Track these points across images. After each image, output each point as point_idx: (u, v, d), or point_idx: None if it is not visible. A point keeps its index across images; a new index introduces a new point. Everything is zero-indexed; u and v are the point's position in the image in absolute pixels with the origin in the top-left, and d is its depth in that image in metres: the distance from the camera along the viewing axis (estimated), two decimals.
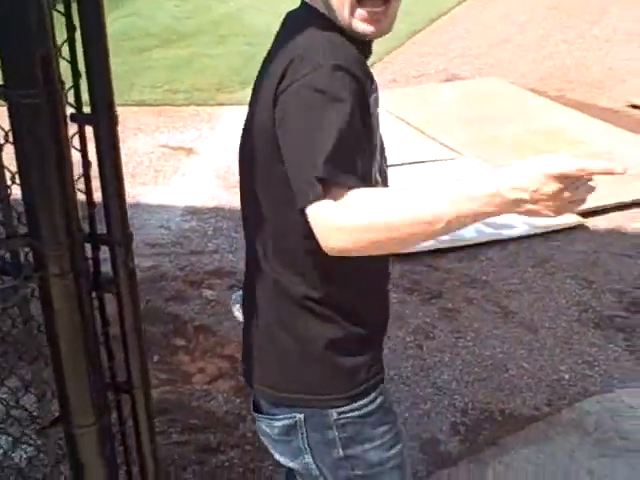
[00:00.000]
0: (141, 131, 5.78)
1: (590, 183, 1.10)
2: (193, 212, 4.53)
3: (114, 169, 1.65)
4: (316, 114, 1.19)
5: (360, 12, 1.29)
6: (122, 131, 5.71)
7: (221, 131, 5.77)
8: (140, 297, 4.09)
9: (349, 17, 1.30)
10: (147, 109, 6.24)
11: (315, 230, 1.19)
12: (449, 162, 5.07)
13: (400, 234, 1.13)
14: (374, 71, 1.42)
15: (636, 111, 6.14)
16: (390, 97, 6.22)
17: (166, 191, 4.83)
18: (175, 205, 4.64)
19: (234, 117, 5.98)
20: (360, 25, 1.30)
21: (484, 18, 9.53)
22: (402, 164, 4.84)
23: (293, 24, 1.38)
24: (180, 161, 5.27)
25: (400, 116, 5.83)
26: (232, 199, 4.59)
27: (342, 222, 1.15)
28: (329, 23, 1.32)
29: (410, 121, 5.74)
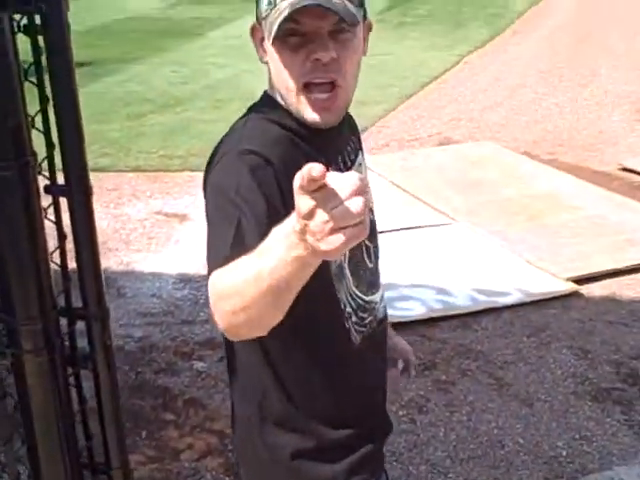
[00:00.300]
0: (136, 197, 5.79)
1: (350, 204, 0.87)
2: (186, 280, 4.50)
3: (89, 241, 1.62)
4: (216, 210, 1.22)
5: (307, 100, 1.25)
6: (118, 197, 5.68)
7: None
8: (130, 369, 4.02)
9: (297, 104, 1.27)
10: (142, 175, 6.26)
11: None
12: (444, 227, 5.07)
13: (248, 295, 1.01)
14: (367, 136, 1.39)
15: (628, 174, 6.17)
16: (383, 162, 6.26)
17: (159, 258, 4.81)
18: (168, 273, 4.61)
19: None
20: (308, 113, 1.26)
21: (476, 82, 9.66)
22: (397, 230, 4.84)
23: (246, 113, 1.36)
24: (174, 228, 5.26)
25: (394, 181, 5.85)
26: None
27: (211, 302, 1.09)
28: (280, 111, 1.30)
29: (404, 186, 5.76)
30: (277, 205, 1.17)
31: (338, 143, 1.39)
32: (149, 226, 5.30)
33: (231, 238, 1.13)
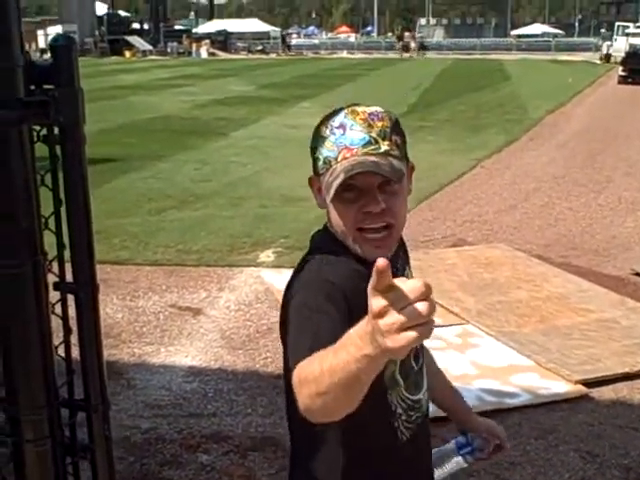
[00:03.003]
0: (152, 290, 5.88)
1: (417, 305, 0.98)
2: (195, 373, 4.53)
3: (94, 337, 1.69)
4: (299, 324, 1.39)
5: (362, 239, 1.44)
6: (134, 290, 5.74)
7: (229, 292, 5.86)
8: (135, 460, 4.02)
9: (353, 244, 1.45)
10: (159, 269, 6.38)
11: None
12: (454, 328, 5.09)
13: (323, 385, 1.17)
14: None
15: None
16: None
17: (171, 351, 4.85)
18: (178, 365, 4.65)
19: (243, 279, 6.10)
20: (365, 251, 1.44)
21: (491, 185, 9.84)
22: None
23: (313, 245, 1.56)
24: (187, 321, 5.33)
25: None
26: (235, 360, 4.60)
27: (294, 389, 1.28)
28: (343, 247, 1.47)
29: None
30: (346, 319, 1.34)
31: (392, 262, 1.57)
32: (162, 319, 5.37)
33: (310, 340, 1.31)
